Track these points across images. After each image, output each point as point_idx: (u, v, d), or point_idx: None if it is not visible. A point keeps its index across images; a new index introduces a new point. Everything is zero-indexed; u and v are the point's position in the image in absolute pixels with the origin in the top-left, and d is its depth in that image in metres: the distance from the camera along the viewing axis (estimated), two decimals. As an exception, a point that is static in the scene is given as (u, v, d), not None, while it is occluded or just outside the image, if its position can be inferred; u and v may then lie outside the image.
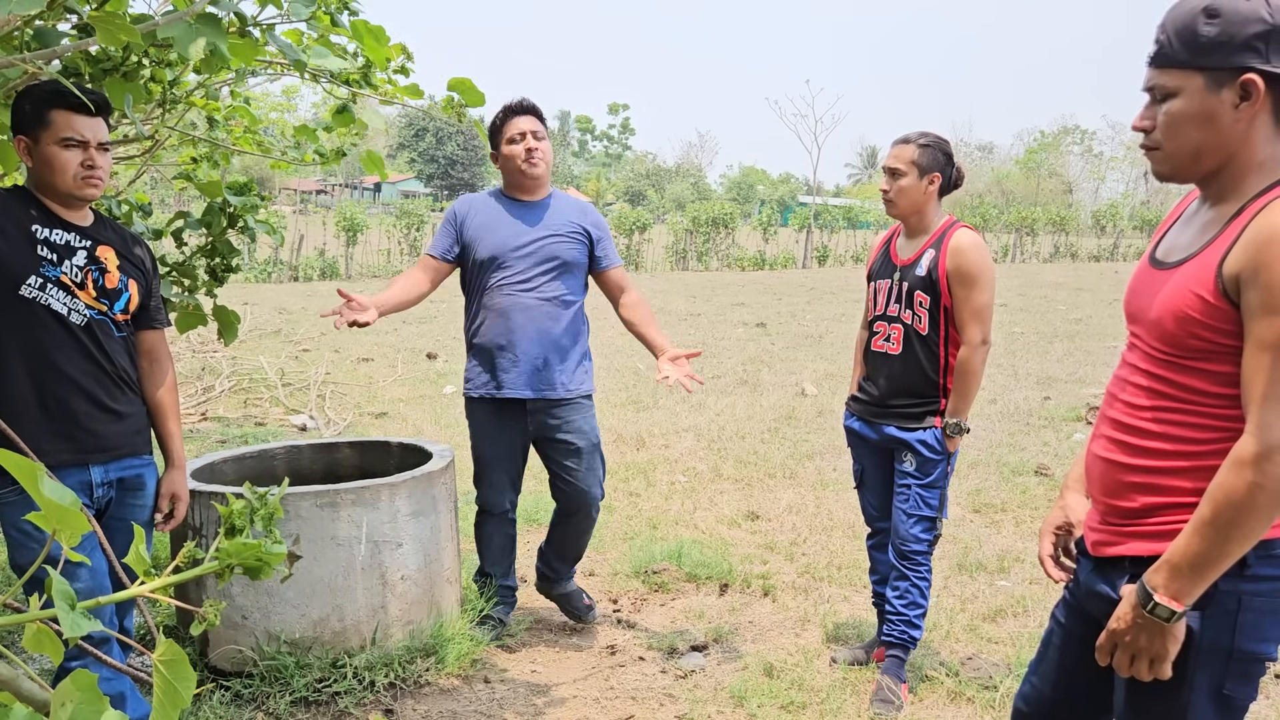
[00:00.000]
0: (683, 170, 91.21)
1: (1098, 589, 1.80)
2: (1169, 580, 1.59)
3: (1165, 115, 1.64)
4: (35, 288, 2.38)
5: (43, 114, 2.34)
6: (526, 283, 3.50)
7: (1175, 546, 1.60)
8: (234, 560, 1.12)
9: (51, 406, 2.43)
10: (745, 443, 6.80)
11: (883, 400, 3.31)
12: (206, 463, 3.63)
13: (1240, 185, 1.62)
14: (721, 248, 27.65)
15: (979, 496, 5.56)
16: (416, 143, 75.70)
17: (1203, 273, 1.60)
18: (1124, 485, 1.75)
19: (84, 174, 2.39)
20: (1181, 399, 1.66)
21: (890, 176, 3.23)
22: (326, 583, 3.25)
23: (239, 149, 4.16)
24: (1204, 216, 1.69)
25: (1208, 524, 1.55)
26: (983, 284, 3.12)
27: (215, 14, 2.03)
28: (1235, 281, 1.55)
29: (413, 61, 3.46)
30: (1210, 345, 1.60)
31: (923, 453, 3.23)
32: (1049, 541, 2.02)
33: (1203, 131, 1.60)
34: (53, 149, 2.36)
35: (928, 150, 3.19)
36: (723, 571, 4.36)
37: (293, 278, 20.74)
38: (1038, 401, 8.26)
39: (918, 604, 3.29)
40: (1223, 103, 1.58)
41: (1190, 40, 1.57)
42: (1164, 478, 1.69)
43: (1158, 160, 1.69)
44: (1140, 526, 1.73)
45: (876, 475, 3.45)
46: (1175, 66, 1.60)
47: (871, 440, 3.38)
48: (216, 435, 6.75)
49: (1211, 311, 1.58)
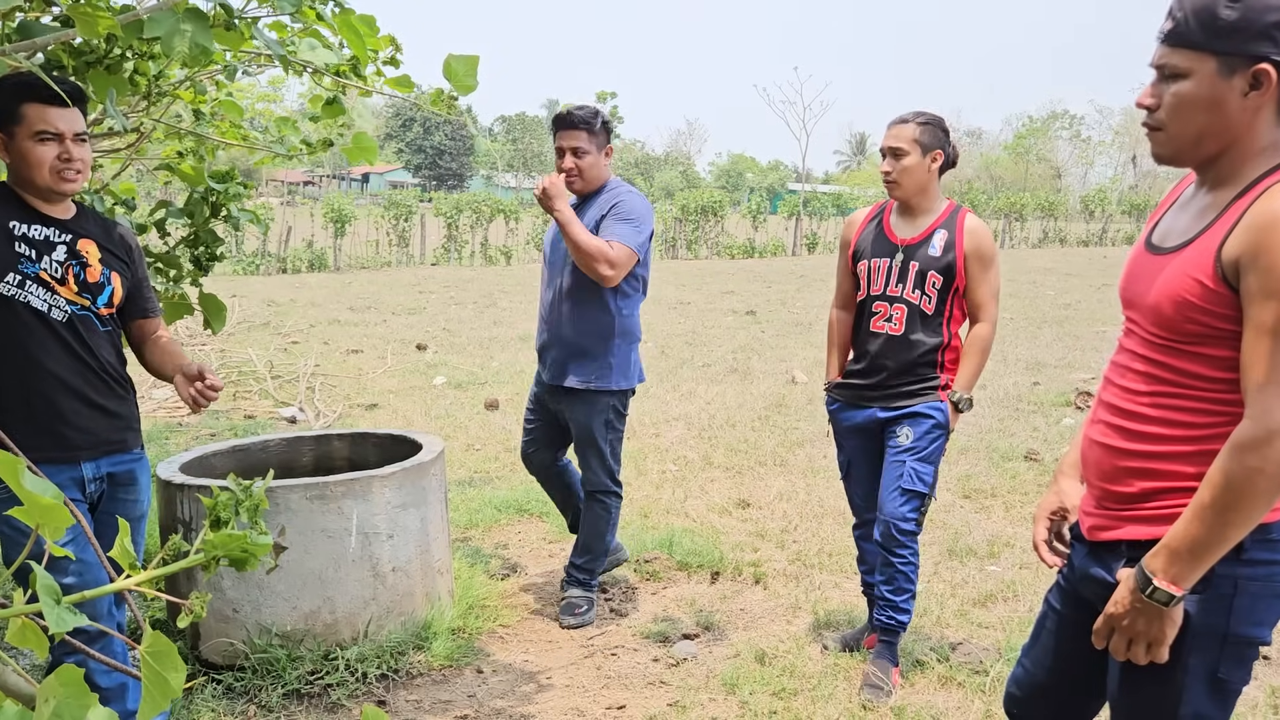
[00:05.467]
0: (671, 158, 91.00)
1: (1093, 573, 1.81)
2: (1168, 564, 1.59)
3: (1173, 96, 1.61)
4: (14, 285, 2.35)
5: (15, 108, 2.29)
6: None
7: (1174, 531, 1.60)
8: (219, 552, 1.12)
9: (37, 404, 2.41)
10: (736, 431, 6.81)
11: (882, 383, 3.29)
12: (196, 456, 3.62)
13: (1240, 170, 1.62)
14: (711, 236, 27.63)
15: (969, 482, 5.58)
16: (404, 133, 75.40)
17: (1201, 257, 1.60)
18: (1121, 470, 1.75)
19: (61, 167, 2.35)
20: (1180, 384, 1.66)
21: (893, 157, 3.18)
22: (317, 575, 3.25)
23: (225, 142, 4.14)
24: (1201, 201, 1.68)
25: (1207, 508, 1.55)
26: (996, 264, 3.24)
27: (200, 7, 2.02)
28: (1235, 266, 1.54)
29: (402, 53, 3.43)
30: (1208, 330, 1.60)
31: (923, 423, 3.22)
32: (1043, 526, 2.02)
33: (1209, 116, 1.59)
34: (28, 143, 2.32)
35: (928, 128, 3.17)
36: (714, 560, 4.37)
37: (281, 270, 20.66)
38: (1027, 387, 8.30)
39: (904, 589, 3.27)
40: (1232, 89, 1.56)
41: (1209, 22, 1.54)
42: (1162, 462, 1.69)
43: (1160, 142, 1.67)
44: (1137, 511, 1.73)
45: (864, 463, 3.43)
46: (1189, 47, 1.57)
47: (861, 424, 3.36)
48: (206, 428, 6.73)
49: (1210, 296, 1.58)
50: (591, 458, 3.80)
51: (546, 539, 4.75)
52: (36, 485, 1.00)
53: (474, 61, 3.07)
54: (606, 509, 3.87)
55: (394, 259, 23.10)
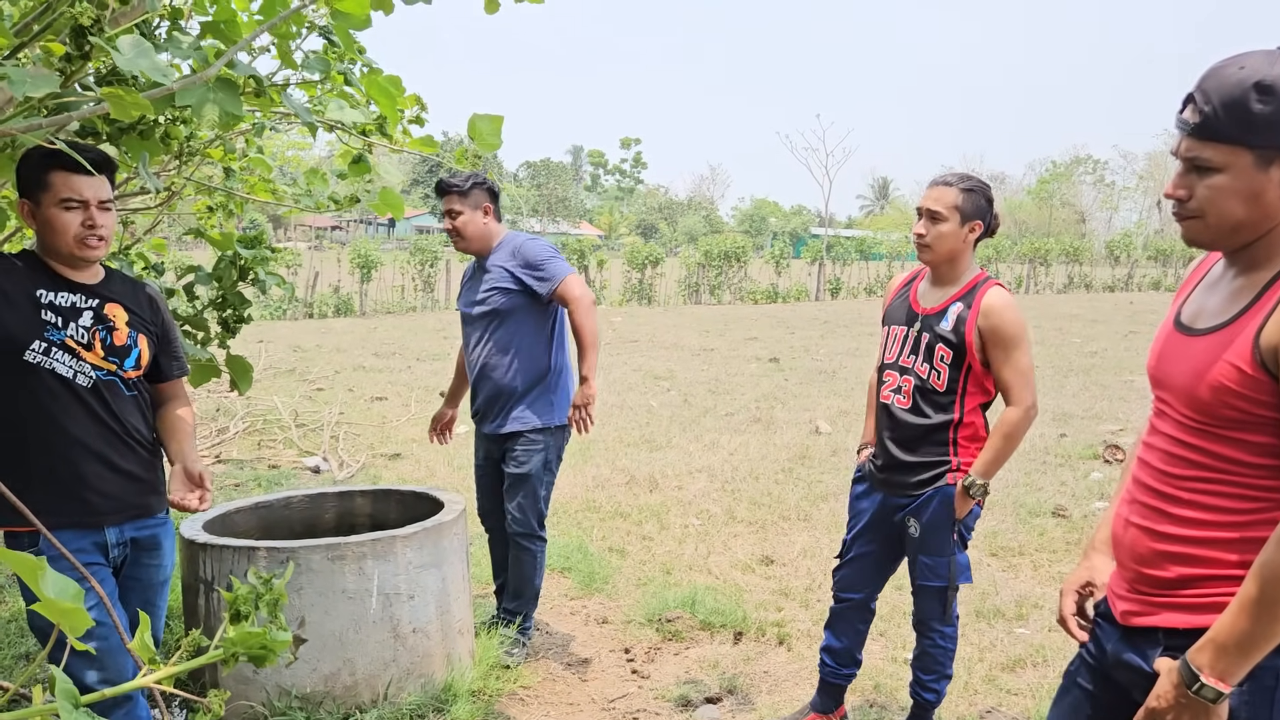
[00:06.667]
0: (694, 203, 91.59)
1: (1126, 659, 1.76)
2: (1215, 660, 1.55)
3: (1209, 189, 1.59)
4: (39, 352, 2.37)
5: (41, 176, 2.32)
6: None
7: (1221, 625, 1.55)
8: (239, 649, 1.12)
9: (60, 469, 2.41)
10: (759, 484, 6.76)
11: (887, 467, 3.12)
12: (219, 514, 3.62)
13: (1274, 253, 1.60)
14: (734, 281, 27.68)
15: (995, 539, 5.50)
16: (430, 178, 76.28)
17: (1239, 343, 1.58)
18: (1158, 554, 1.71)
19: (85, 234, 2.38)
20: (1219, 469, 1.62)
21: (929, 219, 2.97)
22: (338, 636, 3.23)
23: (254, 198, 4.20)
24: (1234, 282, 1.66)
25: (1255, 602, 1.50)
26: (1024, 344, 2.95)
27: (230, 77, 2.05)
28: (1274, 352, 1.53)
29: (427, 112, 3.48)
30: (1247, 416, 1.58)
31: (927, 514, 3.04)
32: (1071, 600, 1.98)
33: (1248, 207, 1.58)
34: (53, 211, 2.34)
35: (971, 195, 2.96)
36: (737, 619, 4.32)
37: (307, 315, 20.85)
38: (1054, 439, 8.19)
39: (933, 669, 3.18)
40: (1270, 180, 1.55)
41: (1241, 116, 1.52)
42: (1202, 548, 1.65)
43: (1196, 230, 1.65)
44: (1176, 598, 1.69)
45: (865, 544, 3.25)
46: (1221, 140, 1.56)
47: (869, 506, 3.21)
48: (230, 478, 6.75)
49: (1249, 382, 1.56)
50: (523, 499, 3.95)
51: (568, 595, 4.71)
52: (57, 586, 1.00)
53: (498, 121, 3.09)
54: (532, 554, 4.01)
55: (419, 304, 23.27)
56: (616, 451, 7.70)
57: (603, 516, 5.95)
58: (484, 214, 3.92)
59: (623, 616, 4.43)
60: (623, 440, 8.10)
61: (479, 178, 3.91)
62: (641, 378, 11.70)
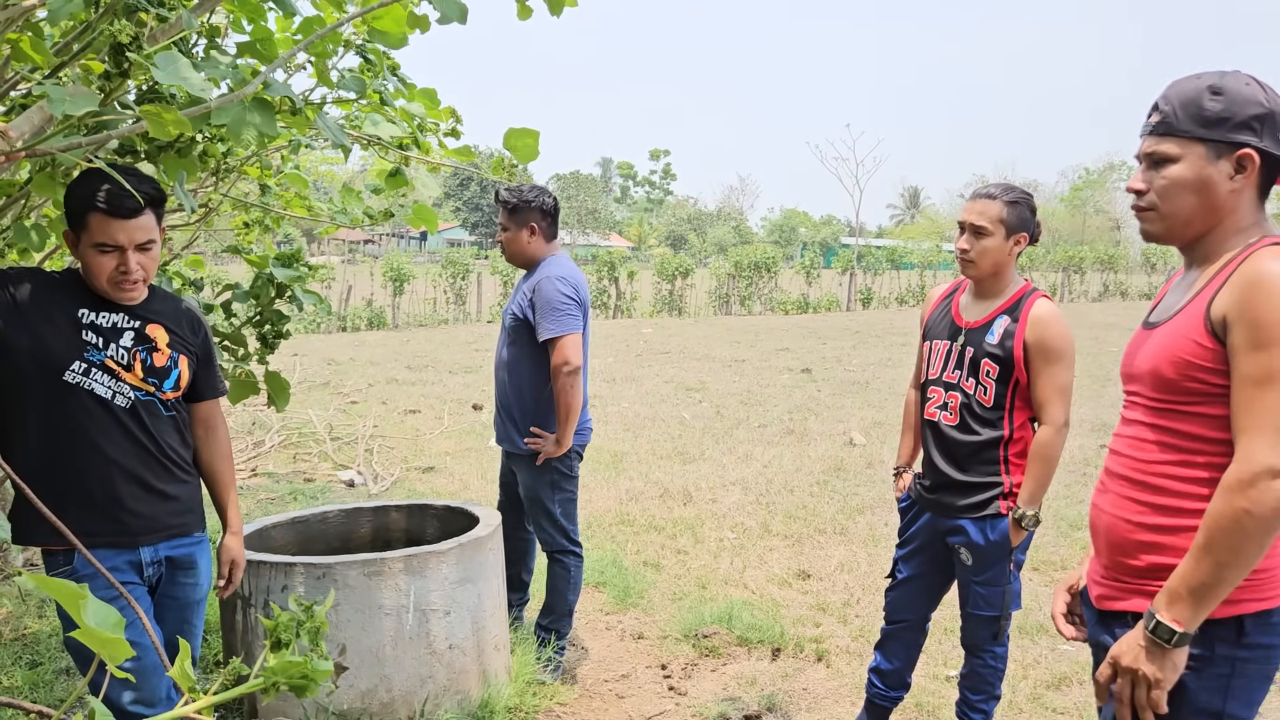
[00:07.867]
0: (724, 214, 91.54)
1: (1100, 640, 1.91)
2: (1170, 602, 1.68)
3: (1165, 179, 1.78)
4: (79, 373, 2.36)
5: (81, 215, 2.29)
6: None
7: (1177, 572, 1.69)
8: (279, 679, 1.10)
9: (96, 489, 2.40)
10: (794, 496, 6.70)
11: (936, 487, 3.04)
12: (256, 529, 3.63)
13: (1222, 247, 1.77)
14: (764, 291, 27.59)
15: (1036, 553, 5.40)
16: (461, 191, 76.86)
17: (1193, 319, 1.74)
18: (1133, 543, 1.83)
19: (119, 279, 2.35)
20: (1187, 449, 1.75)
21: (973, 234, 2.91)
22: (374, 653, 3.21)
23: (290, 213, 4.22)
24: (1190, 279, 1.84)
25: (1203, 550, 1.64)
26: (1067, 359, 2.87)
27: (266, 98, 2.05)
28: (1222, 322, 1.68)
29: (462, 124, 3.48)
30: (1206, 386, 1.71)
31: (979, 545, 2.96)
32: (1063, 600, 2.13)
33: (1199, 197, 1.75)
34: (89, 252, 2.32)
35: (1016, 208, 2.90)
36: (774, 635, 4.26)
37: (341, 328, 21.01)
38: (1094, 449, 8.07)
39: (982, 690, 3.13)
40: (1220, 172, 1.73)
41: (1196, 113, 1.73)
42: (1171, 536, 1.77)
43: (1151, 221, 1.83)
44: (1145, 585, 1.81)
45: (917, 566, 3.20)
46: (1178, 135, 1.75)
47: (922, 528, 3.14)
48: (266, 492, 6.79)
49: (1203, 353, 1.70)
50: (542, 519, 3.94)
51: (604, 610, 4.68)
52: (98, 615, 0.99)
53: (534, 135, 3.09)
54: (565, 568, 3.97)
55: (451, 316, 23.38)
56: (649, 464, 7.66)
57: (636, 530, 5.91)
58: (529, 233, 3.90)
59: (658, 632, 4.39)
60: (655, 453, 8.06)
61: (531, 196, 3.88)
62: (673, 389, 11.66)
